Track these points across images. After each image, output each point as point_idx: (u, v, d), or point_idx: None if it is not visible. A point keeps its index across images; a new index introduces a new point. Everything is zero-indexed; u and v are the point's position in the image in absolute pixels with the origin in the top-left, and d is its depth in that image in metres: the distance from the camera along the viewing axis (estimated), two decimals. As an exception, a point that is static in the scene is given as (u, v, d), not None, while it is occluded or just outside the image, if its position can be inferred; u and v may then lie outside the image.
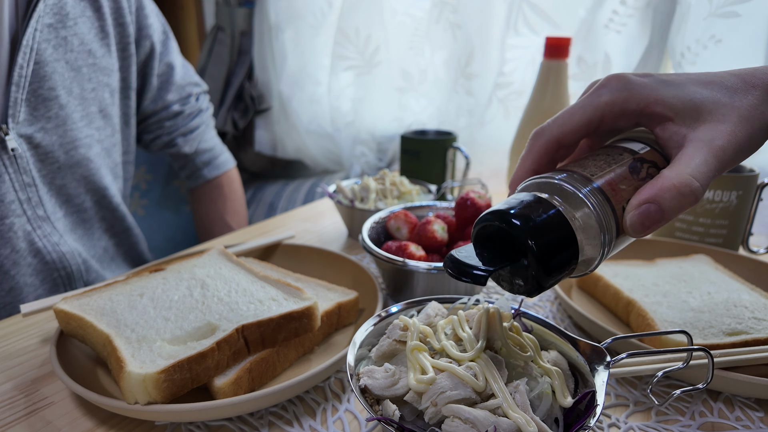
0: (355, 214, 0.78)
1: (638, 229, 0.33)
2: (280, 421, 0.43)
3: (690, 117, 0.35)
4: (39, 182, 0.72)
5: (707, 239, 0.70)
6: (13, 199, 0.70)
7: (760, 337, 0.49)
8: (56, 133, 0.73)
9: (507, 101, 1.12)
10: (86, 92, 0.76)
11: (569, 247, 0.32)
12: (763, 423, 0.43)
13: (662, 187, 0.33)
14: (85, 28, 0.75)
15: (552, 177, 0.35)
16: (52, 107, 0.71)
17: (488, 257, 0.34)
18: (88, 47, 0.76)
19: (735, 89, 0.35)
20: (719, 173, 0.34)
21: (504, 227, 0.32)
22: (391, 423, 0.33)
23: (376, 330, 0.42)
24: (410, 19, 1.27)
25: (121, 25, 0.81)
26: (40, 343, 0.54)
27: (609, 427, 0.42)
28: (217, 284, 0.53)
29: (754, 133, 0.34)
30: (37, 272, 0.74)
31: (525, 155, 0.39)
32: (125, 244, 0.92)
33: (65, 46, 0.72)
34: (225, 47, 1.59)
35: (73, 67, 0.74)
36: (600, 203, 0.33)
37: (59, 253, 0.75)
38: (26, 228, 0.72)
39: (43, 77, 0.70)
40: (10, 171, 0.68)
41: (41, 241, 0.73)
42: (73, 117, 0.75)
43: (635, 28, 0.95)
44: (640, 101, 0.35)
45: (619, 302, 0.57)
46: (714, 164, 0.33)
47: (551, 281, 0.32)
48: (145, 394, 0.39)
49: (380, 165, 1.45)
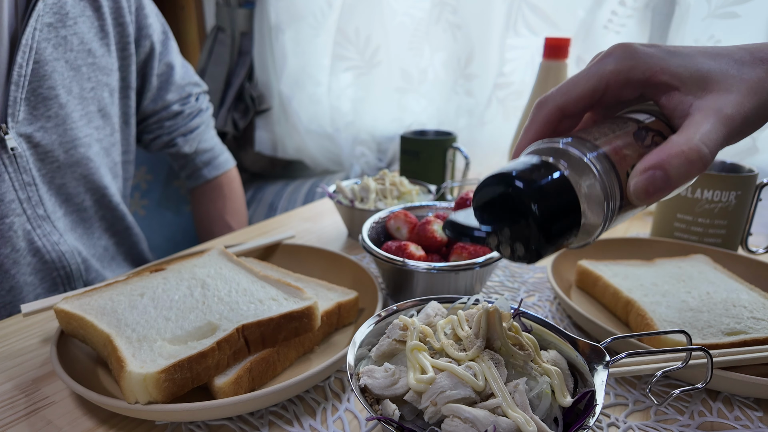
0: (355, 214, 0.78)
1: (642, 196, 0.32)
2: (281, 421, 0.43)
3: (697, 86, 0.34)
4: (39, 181, 0.72)
5: (706, 239, 0.70)
6: (13, 198, 0.70)
7: (759, 336, 0.49)
8: (56, 132, 0.73)
9: (506, 101, 1.12)
10: (85, 91, 0.76)
11: (572, 213, 0.31)
12: (762, 422, 0.43)
13: (670, 152, 0.32)
14: (84, 27, 0.75)
15: (557, 141, 0.34)
16: (51, 106, 0.72)
17: (488, 219, 0.33)
18: (88, 46, 0.76)
19: (743, 62, 0.34)
20: (727, 143, 0.33)
21: (506, 190, 0.31)
22: (390, 422, 0.33)
23: (376, 330, 0.42)
24: (410, 19, 1.27)
25: (121, 24, 0.81)
26: (40, 342, 0.54)
27: (608, 426, 0.43)
28: (218, 284, 0.53)
29: (761, 105, 0.33)
30: (37, 271, 0.74)
31: (528, 125, 0.38)
32: (125, 244, 0.92)
33: (65, 45, 0.72)
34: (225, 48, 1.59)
35: (72, 66, 0.74)
36: (605, 169, 0.32)
37: (59, 252, 0.75)
38: (26, 227, 0.72)
39: (42, 76, 0.70)
40: (9, 170, 0.68)
41: (41, 240, 0.73)
42: (73, 116, 0.75)
43: (634, 29, 0.95)
44: (645, 70, 0.35)
45: (618, 302, 0.57)
46: (723, 132, 0.32)
47: (551, 248, 0.31)
48: (146, 394, 0.39)
49: (380, 165, 1.45)
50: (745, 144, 0.83)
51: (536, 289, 0.66)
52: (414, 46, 1.28)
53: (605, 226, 0.33)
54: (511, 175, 0.31)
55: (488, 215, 0.33)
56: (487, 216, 0.33)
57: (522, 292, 0.65)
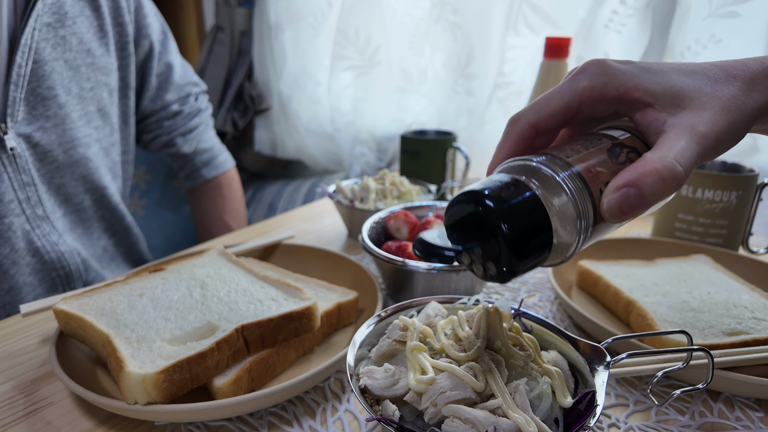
0: (354, 214, 0.78)
1: (615, 213, 0.32)
2: (280, 422, 0.43)
3: (671, 104, 0.34)
4: (38, 181, 0.72)
5: (707, 239, 0.70)
6: (12, 198, 0.69)
7: (760, 337, 0.49)
8: (55, 132, 0.73)
9: (507, 101, 1.12)
10: (85, 91, 0.76)
11: (543, 233, 0.31)
12: (763, 423, 0.43)
13: (644, 170, 0.31)
14: (83, 27, 0.75)
15: (530, 159, 0.33)
16: (50, 106, 0.71)
17: (459, 238, 0.33)
18: (87, 46, 0.76)
19: (717, 79, 0.34)
20: (701, 161, 0.33)
21: (476, 209, 0.31)
22: (390, 423, 0.33)
23: (376, 330, 0.42)
24: (410, 19, 1.27)
25: (120, 24, 0.81)
26: (39, 343, 0.54)
27: (609, 427, 0.42)
28: (217, 284, 0.53)
29: (734, 123, 0.33)
30: (36, 272, 0.74)
31: (501, 143, 0.37)
32: (124, 244, 0.92)
33: (64, 45, 0.72)
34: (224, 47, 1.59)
35: (71, 66, 0.74)
36: (578, 188, 0.32)
37: (58, 252, 0.75)
38: (25, 227, 0.72)
39: (41, 76, 0.70)
40: (9, 170, 0.68)
41: (40, 240, 0.73)
42: (72, 116, 0.75)
43: (635, 28, 0.95)
44: (619, 87, 0.35)
45: (619, 302, 0.57)
46: (696, 150, 0.32)
47: (523, 267, 0.31)
48: (145, 395, 0.39)
49: (380, 165, 1.45)
50: (746, 144, 0.83)
51: (537, 289, 0.65)
52: (414, 45, 1.28)
53: (578, 245, 0.33)
54: (482, 194, 0.31)
55: (460, 234, 0.33)
56: (459, 234, 0.33)
57: (522, 292, 0.65)
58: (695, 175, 0.67)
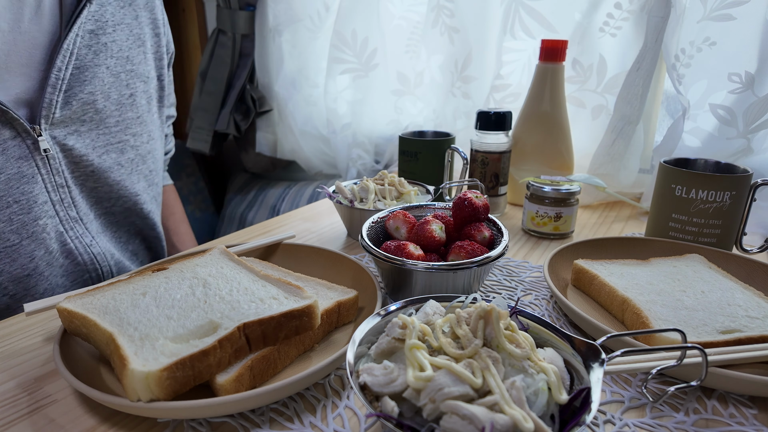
0: (354, 214, 0.79)
1: None
2: (281, 418, 0.44)
3: None
4: (71, 183, 0.73)
5: (701, 239, 0.71)
6: (45, 200, 0.70)
7: (754, 335, 0.49)
8: (89, 137, 0.74)
9: (504, 104, 1.13)
10: (124, 98, 0.77)
11: None
12: (757, 420, 0.43)
13: None
14: (123, 35, 0.76)
15: None
16: (87, 111, 0.72)
17: None
18: (126, 54, 0.77)
19: None
20: None
21: None
22: (390, 419, 0.34)
23: (376, 328, 0.42)
24: (407, 23, 1.28)
25: (157, 35, 0.84)
26: (43, 341, 0.54)
27: (604, 423, 0.43)
28: (219, 283, 0.53)
29: None
30: (68, 273, 0.75)
31: None
32: (152, 249, 0.92)
33: (105, 52, 0.73)
34: (226, 50, 1.60)
35: (112, 72, 0.75)
36: None
37: (91, 254, 0.76)
38: (59, 229, 0.72)
39: (83, 81, 0.71)
40: (42, 172, 0.69)
41: (73, 242, 0.74)
42: (108, 122, 0.75)
43: (630, 32, 0.96)
44: None
45: (614, 301, 0.58)
46: None
47: None
48: (148, 392, 0.40)
49: (377, 168, 1.46)
50: (739, 145, 0.84)
51: (533, 288, 0.66)
52: (411, 49, 1.29)
53: None
54: None
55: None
56: None
57: (519, 290, 0.65)
58: (689, 175, 0.68)
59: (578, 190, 0.80)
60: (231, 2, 1.53)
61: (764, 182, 0.68)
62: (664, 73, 0.95)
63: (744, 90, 0.82)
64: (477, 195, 0.64)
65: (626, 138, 0.94)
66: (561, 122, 0.91)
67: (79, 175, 0.74)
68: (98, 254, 0.77)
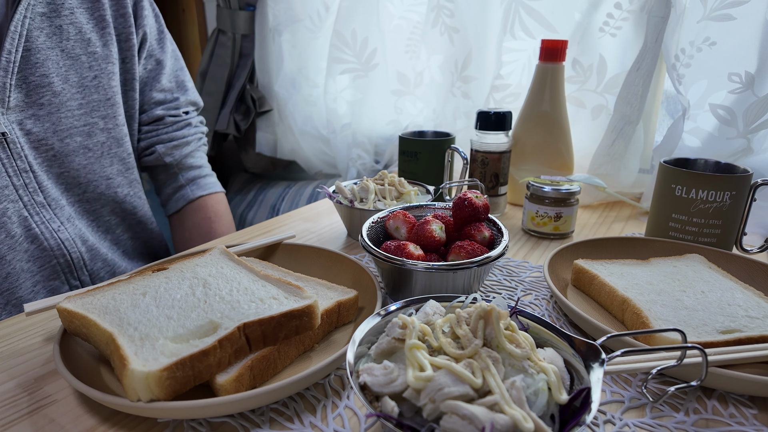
0: (354, 214, 0.79)
1: None
2: (281, 418, 0.44)
3: None
4: (36, 168, 0.73)
5: (701, 239, 0.71)
6: (6, 183, 0.70)
7: (754, 335, 0.49)
8: (49, 121, 0.73)
9: (504, 104, 1.13)
10: (87, 80, 0.77)
11: None
12: (757, 420, 0.43)
13: None
14: (83, 18, 0.76)
15: None
16: (44, 94, 0.72)
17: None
18: (87, 36, 0.77)
19: None
20: None
21: None
22: (390, 419, 0.34)
23: (376, 328, 0.42)
24: (407, 23, 1.28)
25: (123, 16, 0.83)
26: (43, 341, 0.54)
27: (604, 423, 0.43)
28: (219, 283, 0.53)
29: None
30: (34, 258, 0.74)
31: None
32: (140, 238, 0.91)
33: (60, 34, 0.73)
34: (226, 50, 1.60)
35: (69, 55, 0.75)
36: None
37: (58, 240, 0.75)
38: (22, 213, 0.72)
39: (35, 64, 0.71)
40: (2, 156, 0.69)
41: (38, 227, 0.73)
42: (69, 104, 0.75)
43: (630, 32, 0.96)
44: None
45: (614, 301, 0.58)
46: None
47: None
48: (148, 392, 0.40)
49: (377, 168, 1.46)
50: (739, 145, 0.84)
51: (533, 287, 0.66)
52: (411, 49, 1.29)
53: None
54: None
55: None
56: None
57: (519, 290, 0.65)
58: (689, 175, 0.68)
59: (578, 190, 0.80)
60: (231, 2, 1.53)
61: (764, 182, 0.68)
62: (664, 73, 0.95)
63: (744, 90, 0.82)
64: (477, 195, 0.64)
65: (626, 138, 0.94)
66: (561, 122, 0.91)
67: (42, 160, 0.74)
68: (66, 240, 0.76)
